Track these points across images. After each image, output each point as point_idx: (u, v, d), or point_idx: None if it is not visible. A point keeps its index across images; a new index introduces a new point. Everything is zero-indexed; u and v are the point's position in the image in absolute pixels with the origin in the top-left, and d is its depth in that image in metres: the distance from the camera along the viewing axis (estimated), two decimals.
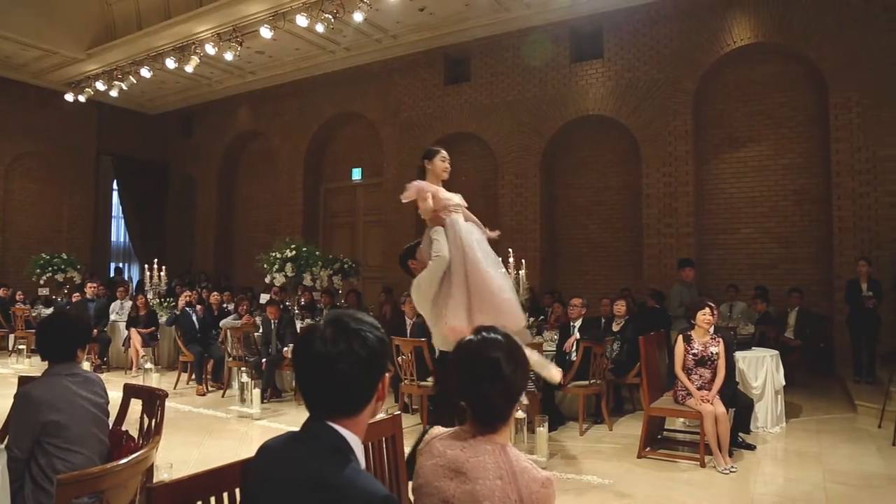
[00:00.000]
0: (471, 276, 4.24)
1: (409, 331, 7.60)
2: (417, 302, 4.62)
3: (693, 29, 10.74)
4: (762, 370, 6.60)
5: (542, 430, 5.34)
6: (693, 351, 5.64)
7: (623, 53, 11.34)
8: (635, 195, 11.39)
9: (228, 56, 11.90)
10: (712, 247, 10.93)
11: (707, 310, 5.69)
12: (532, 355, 3.83)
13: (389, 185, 13.61)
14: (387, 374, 1.52)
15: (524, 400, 5.33)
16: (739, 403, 5.84)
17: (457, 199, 4.73)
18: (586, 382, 6.56)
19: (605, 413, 6.72)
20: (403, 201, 4.59)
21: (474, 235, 4.51)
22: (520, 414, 5.37)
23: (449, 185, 4.90)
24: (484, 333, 1.77)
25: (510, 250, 8.77)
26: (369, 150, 14.38)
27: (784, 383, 6.76)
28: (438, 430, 1.82)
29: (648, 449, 5.74)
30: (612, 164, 11.89)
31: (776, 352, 6.95)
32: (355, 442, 1.47)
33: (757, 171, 10.66)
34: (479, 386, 1.71)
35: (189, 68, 12.38)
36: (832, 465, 5.37)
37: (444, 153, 4.78)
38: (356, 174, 14.81)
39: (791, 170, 10.43)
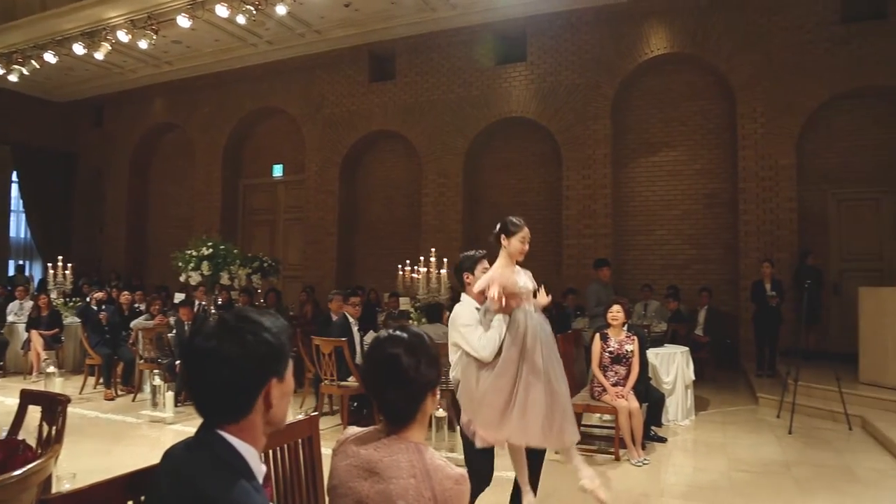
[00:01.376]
0: (520, 386, 3.47)
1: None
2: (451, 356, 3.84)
3: (613, 37, 11.08)
4: (673, 366, 6.88)
5: None
6: (609, 349, 5.82)
7: (546, 58, 11.57)
8: (556, 196, 11.65)
9: (143, 44, 11.39)
10: (629, 247, 11.31)
11: (617, 307, 5.90)
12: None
13: (311, 182, 13.41)
14: (275, 380, 1.38)
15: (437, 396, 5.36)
16: (652, 398, 6.06)
17: (528, 283, 3.86)
18: None
19: None
20: (475, 291, 3.86)
21: (541, 335, 3.62)
22: (440, 412, 5.39)
23: (379, 182, 4.72)
24: (391, 331, 1.77)
25: (433, 249, 8.80)
26: (291, 147, 14.12)
27: (694, 378, 7.08)
28: (353, 430, 1.80)
29: None
30: (533, 166, 12.12)
31: (686, 348, 7.26)
32: (248, 452, 1.37)
33: (671, 175, 11.11)
34: (379, 384, 1.72)
35: (99, 55, 11.75)
36: (736, 454, 5.66)
37: (525, 231, 3.89)
38: (277, 171, 14.50)
39: (702, 175, 10.93)
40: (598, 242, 10.98)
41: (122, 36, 11.24)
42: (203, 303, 9.85)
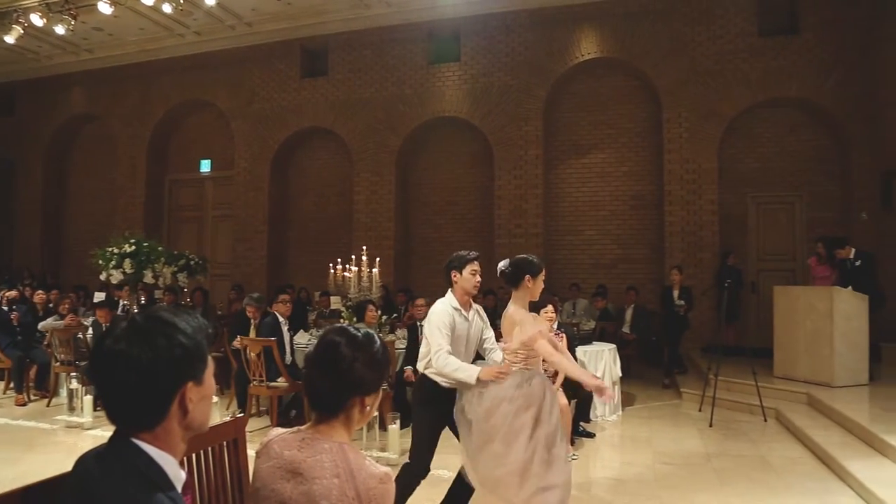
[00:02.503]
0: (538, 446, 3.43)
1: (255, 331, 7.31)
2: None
3: (545, 40, 11.26)
4: (601, 363, 7.04)
5: (394, 428, 5.36)
6: None
7: (479, 58, 11.65)
8: (487, 196, 11.75)
9: (60, 30, 10.83)
10: (559, 247, 11.52)
11: (550, 307, 5.99)
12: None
13: (241, 178, 13.09)
14: (191, 384, 1.29)
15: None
16: (580, 394, 6.18)
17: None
18: None
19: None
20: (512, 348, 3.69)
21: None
22: None
23: (311, 179, 4.60)
24: (351, 326, 1.76)
25: (364, 248, 8.73)
26: (220, 142, 13.72)
27: (621, 374, 7.28)
28: (277, 431, 1.76)
29: None
30: (465, 166, 12.19)
31: (614, 346, 7.45)
32: (165, 460, 1.29)
33: (599, 176, 11.39)
34: (312, 367, 1.71)
35: (10, 39, 11.09)
36: (660, 447, 5.85)
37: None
38: (205, 166, 14.07)
39: (629, 177, 11.25)
40: (529, 242, 11.14)
41: (36, 20, 10.64)
42: (125, 302, 9.46)
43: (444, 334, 3.76)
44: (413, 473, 3.87)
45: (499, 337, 3.93)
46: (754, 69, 10.34)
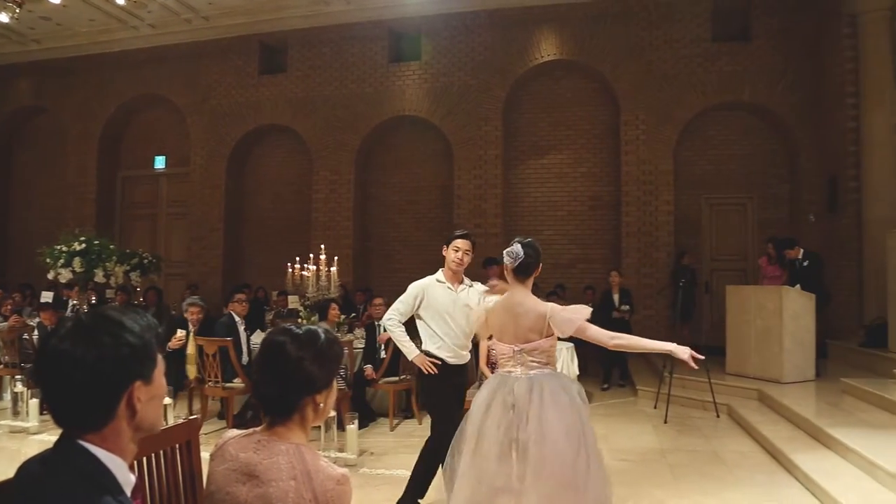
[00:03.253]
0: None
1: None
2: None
3: (505, 41, 11.33)
4: (559, 361, 7.08)
5: (352, 428, 5.31)
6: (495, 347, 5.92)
7: (440, 58, 11.65)
8: (447, 195, 11.77)
9: (3, 17, 10.43)
10: None
11: None
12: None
13: (196, 175, 12.83)
14: (139, 383, 1.25)
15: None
16: None
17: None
18: (397, 378, 6.65)
19: (415, 408, 6.85)
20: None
21: None
22: (329, 412, 5.30)
23: (269, 177, 4.55)
24: (292, 325, 1.72)
25: (322, 246, 8.65)
26: (175, 138, 13.43)
27: (578, 373, 7.34)
28: (232, 433, 1.73)
29: None
30: (425, 165, 12.19)
31: (571, 344, 7.50)
32: (114, 463, 1.25)
33: (558, 177, 11.50)
34: (259, 371, 1.68)
35: None
36: (617, 444, 5.93)
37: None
38: (159, 162, 13.75)
39: (588, 178, 11.39)
40: (488, 241, 11.16)
41: None
42: (75, 302, 9.19)
43: (404, 301, 4.22)
44: (443, 440, 3.63)
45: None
46: (709, 74, 10.59)
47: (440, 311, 4.14)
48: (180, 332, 6.59)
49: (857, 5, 9.04)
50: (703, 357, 3.07)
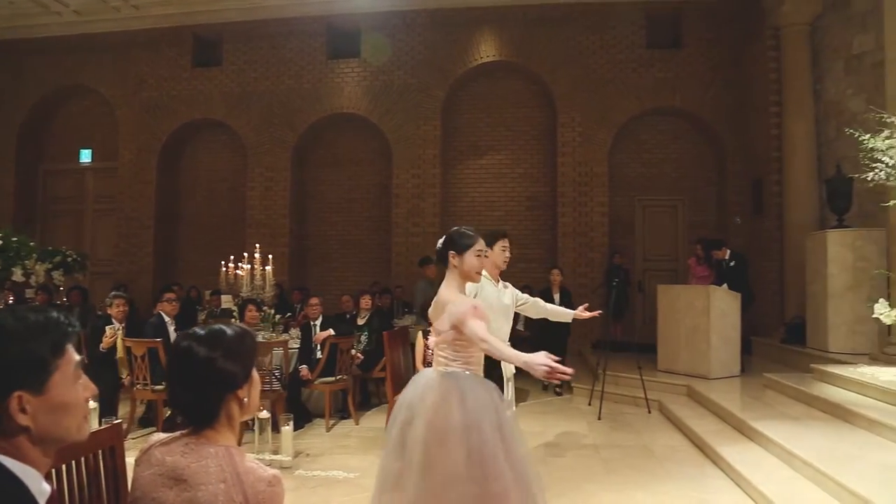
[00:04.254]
0: None
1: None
2: None
3: (445, 40, 11.35)
4: (496, 360, 7.15)
5: (287, 429, 5.22)
6: (432, 346, 5.93)
7: (379, 55, 11.58)
8: (385, 194, 11.72)
9: None
10: None
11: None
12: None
13: (126, 170, 12.36)
14: (23, 394, 1.14)
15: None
16: None
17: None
18: (333, 378, 6.57)
19: (351, 408, 6.79)
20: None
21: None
22: (263, 414, 5.20)
23: (203, 173, 4.39)
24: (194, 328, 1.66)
25: (257, 245, 8.49)
26: (102, 131, 12.87)
27: (515, 371, 7.38)
28: (158, 436, 1.66)
29: None
30: (364, 163, 12.10)
31: (508, 343, 7.58)
32: (27, 473, 1.18)
33: (496, 177, 11.61)
34: (172, 380, 1.62)
35: None
36: (552, 440, 6.03)
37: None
38: (85, 156, 13.17)
39: (525, 178, 11.53)
40: (427, 241, 11.18)
41: None
42: None
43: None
44: None
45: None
46: (643, 79, 10.88)
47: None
48: (110, 329, 6.32)
49: (779, 19, 9.45)
50: (569, 373, 2.55)
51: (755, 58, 10.24)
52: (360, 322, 7.63)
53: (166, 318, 6.67)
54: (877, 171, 5.46)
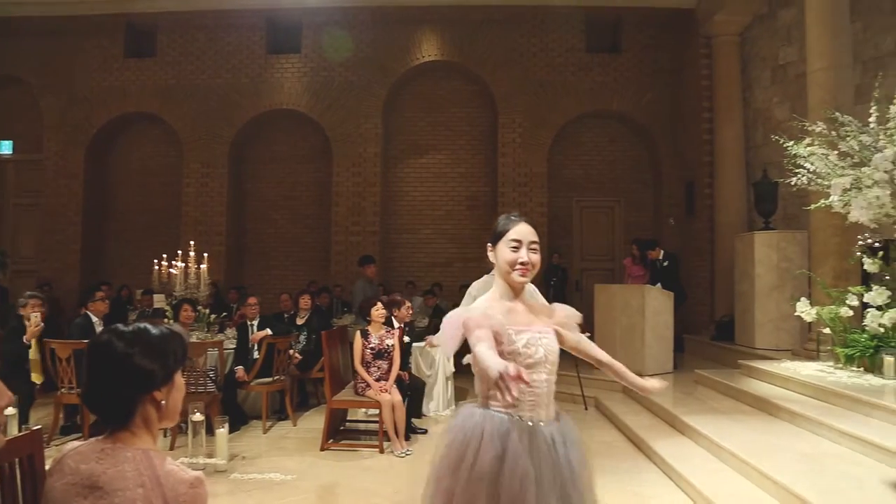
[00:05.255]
0: None
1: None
2: None
3: (387, 39, 11.29)
4: (435, 359, 7.18)
5: (222, 432, 5.09)
6: (371, 345, 5.91)
7: (320, 52, 11.43)
8: (325, 192, 11.58)
9: None
10: (396, 245, 11.61)
11: (379, 305, 6.05)
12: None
13: (50, 163, 11.80)
14: None
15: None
16: (413, 388, 6.27)
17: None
18: (270, 379, 6.45)
19: (289, 409, 6.68)
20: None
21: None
22: (197, 416, 5.05)
23: (135, 168, 4.16)
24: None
25: (192, 243, 8.24)
26: (24, 121, 12.24)
27: (454, 370, 7.44)
28: (72, 444, 1.59)
29: (331, 441, 5.84)
30: (304, 160, 11.93)
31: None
32: None
33: (437, 177, 11.63)
34: (88, 378, 1.55)
35: None
36: None
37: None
38: (5, 147, 12.50)
39: (465, 178, 11.60)
40: (366, 240, 11.12)
41: None
42: None
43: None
44: None
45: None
46: (582, 82, 11.10)
47: None
48: (34, 317, 5.89)
49: (711, 29, 9.80)
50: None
51: (689, 65, 10.58)
52: (299, 322, 7.53)
53: (94, 319, 6.41)
54: (799, 176, 5.70)
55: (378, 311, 6.01)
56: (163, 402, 1.55)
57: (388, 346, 5.94)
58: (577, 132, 11.45)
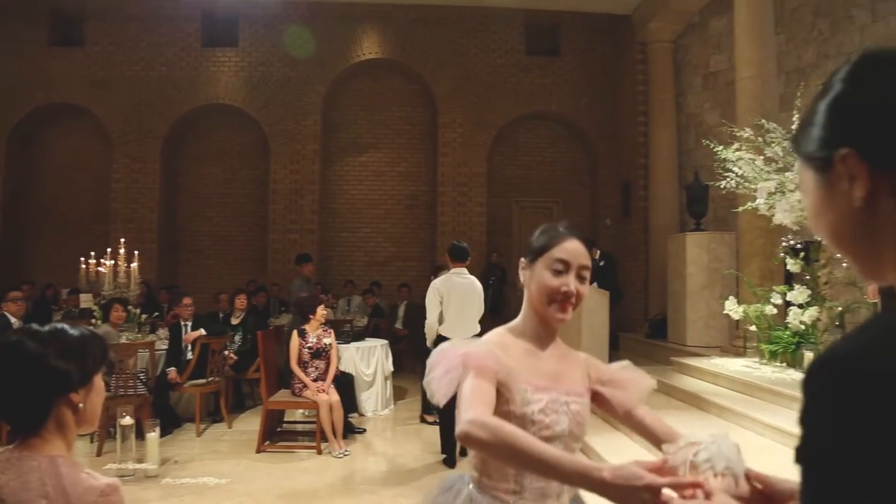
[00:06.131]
0: None
1: None
2: None
3: (327, 35, 11.15)
4: (374, 359, 7.14)
5: (153, 436, 4.93)
6: (308, 345, 5.83)
7: (258, 46, 11.21)
8: (262, 189, 11.36)
9: None
10: (334, 244, 11.49)
11: (321, 304, 5.98)
12: None
13: None
14: None
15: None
16: (341, 384, 6.23)
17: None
18: (204, 380, 6.28)
19: (224, 411, 6.52)
20: None
21: None
22: (126, 420, 4.88)
23: (60, 162, 3.97)
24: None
25: (122, 240, 7.94)
26: None
27: (392, 369, 7.42)
28: None
29: (268, 443, 5.74)
30: (240, 157, 11.67)
31: (386, 341, 7.59)
32: None
33: (376, 175, 11.57)
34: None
35: None
36: (430, 438, 6.05)
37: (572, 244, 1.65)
38: None
39: (405, 177, 11.58)
40: (305, 238, 10.97)
41: None
42: None
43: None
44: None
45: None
46: (522, 84, 11.22)
47: None
48: None
49: (646, 35, 10.08)
50: None
51: (625, 70, 10.84)
52: (235, 321, 7.37)
53: (12, 320, 6.10)
54: (728, 179, 5.92)
55: (323, 311, 5.96)
56: (80, 405, 1.45)
57: (325, 345, 5.88)
58: (516, 133, 11.58)
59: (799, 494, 0.68)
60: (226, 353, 6.68)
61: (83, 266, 8.22)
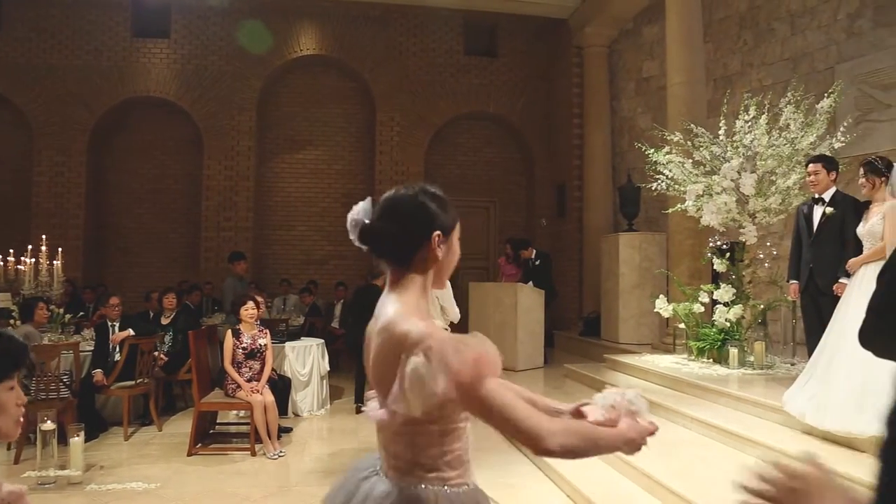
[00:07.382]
0: None
1: None
2: None
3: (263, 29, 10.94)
4: (309, 358, 7.05)
5: (77, 441, 4.73)
6: (243, 345, 5.73)
7: (191, 38, 10.90)
8: (195, 186, 11.06)
9: None
10: (270, 242, 11.29)
11: (250, 304, 5.87)
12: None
13: None
14: None
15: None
16: (277, 388, 6.15)
17: None
18: (132, 382, 6.07)
19: (153, 413, 6.32)
20: None
21: None
22: (48, 425, 4.66)
23: None
24: None
25: (44, 237, 7.59)
26: None
27: (329, 369, 7.35)
28: None
29: (200, 445, 5.59)
30: (172, 152, 11.32)
31: (322, 341, 7.50)
32: None
33: (313, 173, 11.43)
34: None
35: None
36: (366, 437, 6.01)
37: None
38: None
39: (342, 175, 11.48)
40: (239, 236, 10.74)
41: None
42: None
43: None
44: None
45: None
46: (460, 84, 11.30)
47: None
48: None
49: (582, 40, 10.30)
50: None
51: (562, 73, 11.05)
52: (165, 321, 7.16)
53: None
54: (659, 181, 6.12)
55: (247, 310, 5.84)
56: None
57: (260, 345, 5.79)
58: (454, 133, 11.65)
59: (874, 490, 0.76)
60: (156, 353, 6.48)
61: (0, 263, 7.82)
